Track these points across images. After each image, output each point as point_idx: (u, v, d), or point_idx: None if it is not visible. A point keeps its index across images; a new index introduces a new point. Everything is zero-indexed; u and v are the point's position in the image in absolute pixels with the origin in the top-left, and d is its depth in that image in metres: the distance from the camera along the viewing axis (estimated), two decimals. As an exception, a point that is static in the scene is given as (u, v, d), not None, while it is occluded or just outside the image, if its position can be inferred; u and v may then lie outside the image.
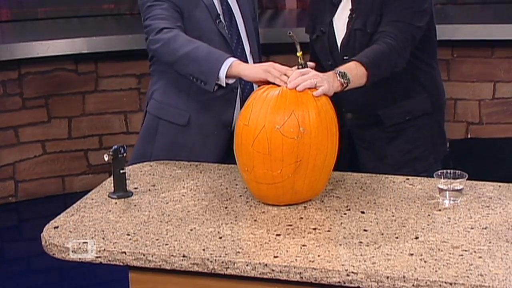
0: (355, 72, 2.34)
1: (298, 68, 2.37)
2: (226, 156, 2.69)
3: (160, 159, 2.66)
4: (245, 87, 2.70)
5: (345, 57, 2.53)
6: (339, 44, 2.62)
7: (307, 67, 2.42)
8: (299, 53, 2.35)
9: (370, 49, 2.44)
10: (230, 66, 2.40)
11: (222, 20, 2.67)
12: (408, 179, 2.39)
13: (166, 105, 2.72)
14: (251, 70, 2.36)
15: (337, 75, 2.29)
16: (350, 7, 2.59)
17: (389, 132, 2.65)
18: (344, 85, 2.29)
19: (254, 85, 2.68)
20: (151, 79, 2.83)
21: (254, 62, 2.73)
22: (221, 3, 2.70)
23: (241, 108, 2.64)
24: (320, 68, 2.54)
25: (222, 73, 2.40)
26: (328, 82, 2.23)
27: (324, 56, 2.65)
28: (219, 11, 2.68)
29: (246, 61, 2.66)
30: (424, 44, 2.61)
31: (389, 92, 2.61)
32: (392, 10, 2.50)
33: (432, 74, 2.70)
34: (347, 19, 2.59)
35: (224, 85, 2.43)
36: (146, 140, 2.77)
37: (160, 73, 2.74)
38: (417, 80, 2.64)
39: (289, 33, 2.33)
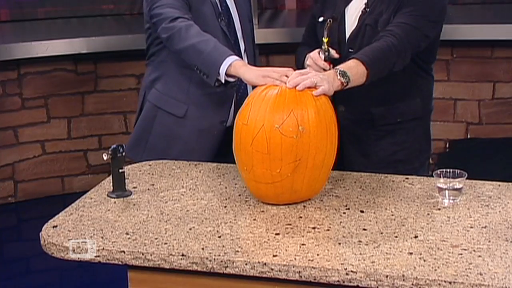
0: (355, 71, 2.33)
1: (321, 53, 2.45)
2: (220, 151, 2.72)
3: (155, 148, 2.72)
4: (240, 86, 2.72)
5: (350, 50, 2.53)
6: (347, 36, 2.59)
7: (329, 53, 2.48)
8: (325, 39, 2.47)
9: (371, 47, 2.43)
10: (230, 64, 2.42)
11: (223, 18, 2.71)
12: (407, 178, 2.39)
13: (166, 95, 2.77)
14: (251, 74, 2.36)
15: (338, 74, 2.27)
16: (366, 1, 2.57)
17: (378, 131, 2.65)
18: (345, 84, 2.28)
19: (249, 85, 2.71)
20: (148, 69, 2.85)
21: (249, 62, 2.76)
22: (220, 3, 2.73)
23: (235, 105, 2.68)
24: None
25: (222, 70, 2.43)
26: (328, 81, 2.22)
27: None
28: (220, 10, 2.71)
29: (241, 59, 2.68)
30: (427, 53, 2.60)
31: (386, 93, 2.61)
32: (405, 13, 2.48)
33: (428, 80, 2.70)
34: (360, 12, 2.57)
35: (223, 81, 2.44)
36: (144, 127, 2.82)
37: (160, 64, 2.77)
38: (415, 85, 2.64)
39: (329, 21, 2.50)
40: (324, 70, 2.46)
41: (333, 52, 2.51)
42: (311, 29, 2.72)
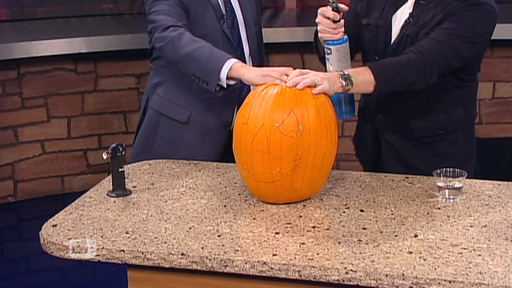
0: (362, 78, 2.28)
1: (329, 5, 2.35)
2: (224, 155, 2.70)
3: (160, 154, 2.69)
4: (243, 88, 2.70)
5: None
6: (391, 43, 2.49)
7: (337, 5, 2.37)
8: None
9: (390, 59, 2.38)
10: (231, 67, 2.41)
11: (226, 21, 2.68)
12: (407, 177, 2.39)
13: (168, 101, 2.75)
14: (250, 74, 2.36)
15: (340, 76, 2.25)
16: (410, 11, 2.47)
17: (418, 143, 2.54)
18: (346, 88, 2.25)
19: (251, 85, 2.70)
20: (150, 73, 2.84)
21: (254, 65, 2.74)
22: (225, 4, 2.71)
23: (238, 108, 2.66)
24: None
25: (223, 74, 2.41)
26: (329, 81, 2.21)
27: (372, 47, 2.53)
28: (223, 12, 2.69)
29: (245, 62, 2.66)
30: (471, 67, 2.50)
31: (425, 104, 2.50)
32: (443, 29, 2.37)
33: (472, 88, 2.57)
34: (404, 21, 2.47)
35: (225, 86, 2.44)
36: (148, 134, 2.80)
37: (162, 68, 2.76)
38: (457, 97, 2.52)
39: None
40: (334, 21, 2.37)
41: (342, 6, 2.39)
42: (349, 21, 2.54)
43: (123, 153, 2.28)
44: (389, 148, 2.59)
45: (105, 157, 2.26)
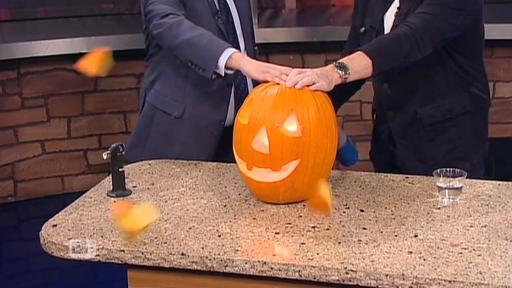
0: (357, 62, 2.29)
1: None
2: (218, 151, 2.71)
3: (153, 148, 2.70)
4: (240, 84, 2.72)
5: None
6: None
7: None
8: None
9: (378, 38, 2.41)
10: (230, 56, 2.40)
11: (221, 16, 2.69)
12: (407, 177, 2.39)
13: (164, 95, 2.75)
14: (250, 66, 2.35)
15: (336, 67, 2.25)
16: (398, 5, 2.53)
17: (429, 131, 2.56)
18: (344, 77, 2.25)
19: (248, 82, 2.70)
20: (146, 72, 2.84)
21: None
22: (218, 0, 2.71)
23: (235, 104, 2.68)
24: None
25: (222, 62, 2.40)
26: (327, 78, 2.21)
27: None
28: (217, 7, 2.69)
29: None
30: (468, 46, 2.52)
31: (428, 91, 2.53)
32: (425, 4, 2.42)
33: (474, 75, 2.57)
34: (394, 18, 2.53)
35: (223, 74, 2.43)
36: (142, 128, 2.80)
37: (158, 64, 2.76)
38: (459, 81, 2.54)
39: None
40: None
41: None
42: (353, 41, 2.66)
43: (123, 153, 2.28)
44: (403, 143, 2.61)
45: (105, 157, 2.26)
